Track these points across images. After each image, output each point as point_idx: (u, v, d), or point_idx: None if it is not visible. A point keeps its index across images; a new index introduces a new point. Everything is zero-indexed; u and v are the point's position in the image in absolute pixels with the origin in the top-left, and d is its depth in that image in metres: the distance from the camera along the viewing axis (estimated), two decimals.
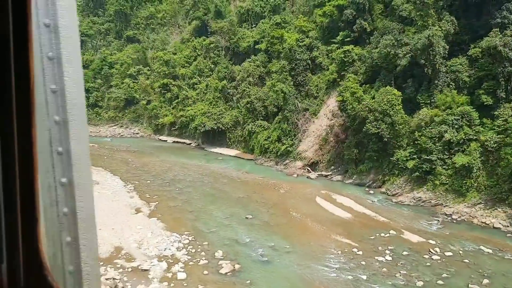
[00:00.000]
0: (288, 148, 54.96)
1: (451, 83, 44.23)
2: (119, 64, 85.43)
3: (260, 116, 61.43)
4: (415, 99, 44.83)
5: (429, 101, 44.02)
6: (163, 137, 74.67)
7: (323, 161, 52.41)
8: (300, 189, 45.16)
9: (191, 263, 26.68)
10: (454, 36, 44.36)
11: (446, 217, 37.31)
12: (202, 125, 65.75)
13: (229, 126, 65.52)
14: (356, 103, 45.56)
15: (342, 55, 52.71)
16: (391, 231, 33.08)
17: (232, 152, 63.60)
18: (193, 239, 30.39)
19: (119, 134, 77.99)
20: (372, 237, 31.95)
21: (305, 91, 57.58)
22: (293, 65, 58.04)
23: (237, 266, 26.21)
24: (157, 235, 30.78)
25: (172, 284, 23.80)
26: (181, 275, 24.73)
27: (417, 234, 32.91)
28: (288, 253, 28.74)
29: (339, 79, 54.15)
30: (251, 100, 61.86)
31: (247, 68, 67.80)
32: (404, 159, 43.07)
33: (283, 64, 58.44)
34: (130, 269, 25.33)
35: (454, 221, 36.41)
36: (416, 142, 42.45)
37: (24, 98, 1.15)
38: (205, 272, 25.51)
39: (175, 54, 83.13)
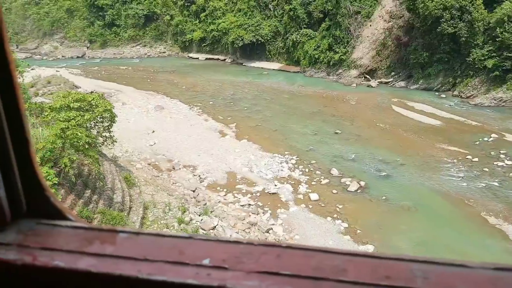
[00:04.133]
0: (342, 57, 52.13)
1: None
2: None
3: (303, 24, 57.45)
4: None
5: None
6: (193, 55, 70.78)
7: (382, 68, 50.04)
8: (369, 99, 43.52)
9: (313, 182, 25.89)
10: None
11: None
12: (240, 39, 61.73)
13: (268, 38, 61.63)
14: (429, 1, 41.88)
15: None
16: (493, 135, 32.17)
17: (275, 65, 60.64)
18: (297, 158, 29.35)
19: (145, 54, 73.71)
20: (477, 143, 31.10)
21: None
22: None
23: (362, 183, 25.47)
24: (260, 157, 29.67)
25: (310, 206, 23.15)
26: (314, 196, 24.01)
27: None
28: (403, 166, 27.96)
29: None
30: (293, 6, 57.30)
31: None
32: (482, 58, 40.84)
33: None
34: (258, 194, 24.53)
35: None
36: (496, 39, 39.87)
37: None
38: (334, 191, 24.79)
39: None
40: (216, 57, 68.18)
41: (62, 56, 76.05)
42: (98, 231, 1.09)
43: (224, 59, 67.09)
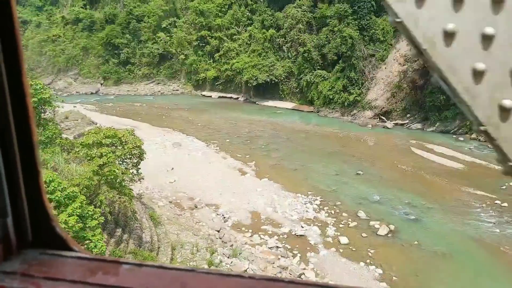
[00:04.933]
0: (356, 98, 52.52)
1: None
2: (147, 16, 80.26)
3: (317, 66, 58.35)
4: None
5: None
6: (206, 93, 71.55)
7: (397, 110, 50.24)
8: (387, 140, 43.35)
9: (341, 225, 25.18)
10: None
11: None
12: (254, 78, 62.61)
13: (282, 78, 62.48)
14: None
15: None
16: None
17: (288, 105, 61.10)
18: (322, 199, 28.76)
19: (159, 91, 74.58)
20: (503, 187, 30.49)
21: (369, 36, 54.21)
22: (356, 7, 54.23)
23: (391, 227, 24.75)
24: (283, 197, 29.09)
25: (341, 250, 22.37)
26: (343, 240, 23.26)
27: None
28: (431, 210, 27.27)
29: None
30: (307, 48, 58.40)
31: (294, 14, 63.59)
32: None
33: (344, 8, 54.62)
34: (285, 236, 23.79)
35: None
36: None
37: None
38: (364, 234, 24.05)
39: (205, 3, 78.01)
40: (229, 95, 68.90)
41: (76, 92, 77.02)
42: (101, 262, 1.09)
43: (237, 98, 67.75)
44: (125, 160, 22.35)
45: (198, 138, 43.95)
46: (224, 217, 26.01)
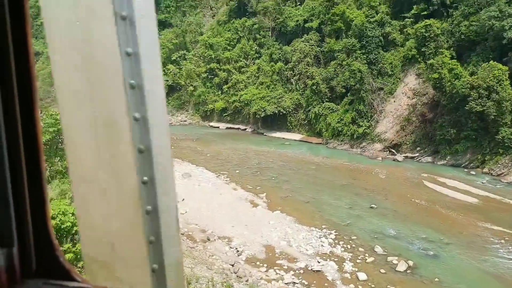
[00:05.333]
0: (366, 130, 52.54)
1: None
2: None
3: (326, 98, 58.76)
4: None
5: None
6: (214, 124, 71.90)
7: (407, 142, 50.06)
8: (398, 173, 42.96)
9: (358, 260, 24.53)
10: None
11: None
12: (262, 110, 62.99)
13: (290, 110, 62.83)
14: (456, 80, 42.89)
15: (423, 30, 49.77)
16: None
17: (296, 136, 61.12)
18: (336, 233, 28.19)
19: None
20: None
21: (377, 70, 54.78)
22: (364, 42, 55.12)
23: (410, 263, 24.09)
24: (296, 230, 28.55)
25: (360, 286, 21.68)
26: (362, 276, 22.58)
27: None
28: (449, 245, 26.64)
29: (418, 56, 51.50)
30: (316, 81, 58.99)
31: (302, 48, 64.67)
32: (511, 137, 40.81)
33: (352, 42, 55.55)
34: (302, 271, 23.15)
35: None
36: None
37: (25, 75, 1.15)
38: (382, 270, 23.38)
39: (214, 37, 79.72)
40: (236, 126, 69.14)
41: None
42: None
43: (245, 129, 67.94)
44: None
45: (208, 168, 43.76)
46: (238, 251, 25.43)
